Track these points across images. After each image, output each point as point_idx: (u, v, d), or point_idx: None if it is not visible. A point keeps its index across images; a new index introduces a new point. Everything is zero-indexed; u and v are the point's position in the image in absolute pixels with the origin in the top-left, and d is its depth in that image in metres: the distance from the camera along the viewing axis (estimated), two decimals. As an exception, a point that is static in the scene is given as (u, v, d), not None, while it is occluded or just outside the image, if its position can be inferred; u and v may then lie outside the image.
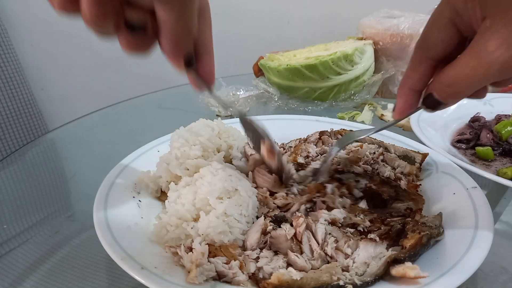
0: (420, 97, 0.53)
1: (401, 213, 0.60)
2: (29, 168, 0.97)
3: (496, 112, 0.98)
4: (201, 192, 0.58)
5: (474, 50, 0.45)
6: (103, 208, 0.60)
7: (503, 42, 0.42)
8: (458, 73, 0.46)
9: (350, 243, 0.53)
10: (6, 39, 1.73)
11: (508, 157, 0.84)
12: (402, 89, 0.54)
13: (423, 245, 0.51)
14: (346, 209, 0.61)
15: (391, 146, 0.77)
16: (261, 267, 0.51)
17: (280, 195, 0.64)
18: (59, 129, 1.14)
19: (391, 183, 0.67)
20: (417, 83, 0.52)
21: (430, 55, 0.51)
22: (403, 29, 1.18)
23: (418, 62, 0.52)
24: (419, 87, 0.52)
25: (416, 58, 0.53)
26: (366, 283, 0.48)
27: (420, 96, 0.53)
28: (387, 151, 0.76)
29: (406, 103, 0.53)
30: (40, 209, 0.81)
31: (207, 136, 0.71)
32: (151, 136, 0.82)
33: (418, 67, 0.52)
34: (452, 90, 0.48)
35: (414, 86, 0.52)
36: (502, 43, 0.42)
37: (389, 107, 1.11)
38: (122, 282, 0.57)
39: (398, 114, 0.55)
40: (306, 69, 1.11)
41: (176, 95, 1.42)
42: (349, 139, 0.70)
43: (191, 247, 0.53)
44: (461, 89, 0.47)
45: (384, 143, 0.78)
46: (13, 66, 1.75)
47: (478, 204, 0.59)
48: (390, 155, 0.74)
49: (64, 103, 2.06)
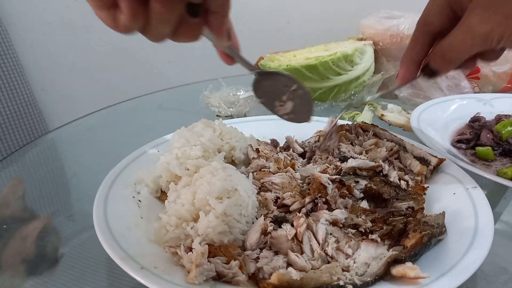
0: (419, 66, 0.62)
1: (402, 212, 0.60)
2: (29, 168, 0.97)
3: (496, 112, 0.98)
4: (201, 192, 0.58)
5: (462, 26, 0.56)
6: (103, 208, 0.60)
7: (482, 19, 0.54)
8: (449, 44, 0.57)
9: (351, 243, 0.53)
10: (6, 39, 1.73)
11: (508, 157, 0.84)
12: (405, 59, 0.63)
13: (424, 245, 0.51)
14: (347, 210, 0.61)
15: (410, 146, 0.76)
16: (261, 267, 0.51)
17: (287, 195, 0.64)
18: (59, 129, 1.14)
19: (391, 183, 0.67)
20: (417, 54, 0.62)
21: (429, 30, 0.61)
22: (403, 30, 1.18)
23: (418, 36, 0.62)
24: (419, 57, 0.62)
25: (417, 32, 0.63)
26: (366, 283, 0.48)
27: (420, 66, 0.62)
28: (405, 150, 0.76)
29: (407, 71, 0.63)
30: (40, 209, 0.81)
31: (208, 136, 0.71)
32: (151, 136, 0.82)
33: (418, 40, 0.62)
34: (445, 59, 0.58)
35: (415, 57, 0.62)
36: (481, 20, 0.54)
37: (389, 107, 1.11)
38: (122, 282, 0.57)
39: (400, 80, 0.64)
40: (306, 69, 1.11)
41: (176, 96, 1.42)
42: (356, 103, 0.74)
43: (191, 247, 0.53)
44: (452, 58, 0.58)
45: (404, 141, 0.78)
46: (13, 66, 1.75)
47: (478, 204, 0.59)
48: (405, 154, 0.74)
49: (64, 103, 2.06)
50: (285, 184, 0.66)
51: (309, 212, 0.61)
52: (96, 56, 1.95)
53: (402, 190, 0.66)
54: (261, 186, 0.67)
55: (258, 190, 0.66)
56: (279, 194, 0.65)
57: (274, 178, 0.67)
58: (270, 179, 0.67)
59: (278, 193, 0.65)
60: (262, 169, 0.71)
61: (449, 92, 1.13)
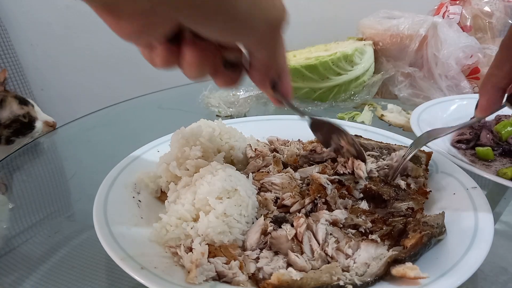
0: (503, 94, 0.55)
1: (402, 213, 0.60)
2: (29, 168, 0.97)
3: (496, 113, 0.98)
4: (201, 192, 0.58)
5: None
6: (103, 208, 0.60)
7: None
8: None
9: (351, 243, 0.53)
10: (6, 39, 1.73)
11: (508, 157, 0.84)
12: (485, 87, 0.56)
13: (424, 245, 0.51)
14: (347, 210, 0.61)
15: (398, 147, 0.75)
16: (261, 267, 0.51)
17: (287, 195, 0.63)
18: (59, 129, 1.14)
19: (391, 183, 0.67)
20: (502, 81, 0.54)
21: None
22: (403, 30, 1.18)
23: (503, 60, 0.54)
24: (503, 84, 0.54)
25: (502, 56, 0.54)
26: (366, 283, 0.48)
27: (504, 93, 0.55)
28: None
29: (489, 100, 0.56)
30: (40, 209, 0.81)
31: (208, 136, 0.71)
32: (151, 136, 0.82)
33: (503, 65, 0.54)
34: None
35: (498, 84, 0.54)
36: None
37: (389, 107, 1.11)
38: (122, 282, 0.57)
39: (481, 111, 0.57)
40: (306, 69, 1.11)
41: (176, 96, 1.42)
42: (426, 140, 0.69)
43: (191, 247, 0.53)
44: None
45: (390, 144, 0.77)
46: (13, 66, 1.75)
47: (478, 204, 0.59)
48: None
49: (64, 103, 2.06)
50: (285, 185, 0.66)
51: (308, 212, 0.61)
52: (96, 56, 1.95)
53: (401, 190, 0.66)
54: (260, 187, 0.67)
55: (257, 190, 0.66)
56: (278, 194, 0.65)
57: (274, 179, 0.67)
58: (269, 179, 0.67)
59: (278, 194, 0.65)
60: (260, 170, 0.71)
61: (449, 92, 1.14)
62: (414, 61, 1.19)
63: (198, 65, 0.40)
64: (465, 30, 1.27)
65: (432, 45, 1.14)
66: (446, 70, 1.14)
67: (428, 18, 1.17)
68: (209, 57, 0.41)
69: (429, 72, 1.16)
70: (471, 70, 1.18)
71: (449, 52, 1.12)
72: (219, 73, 0.44)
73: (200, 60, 0.40)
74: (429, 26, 1.15)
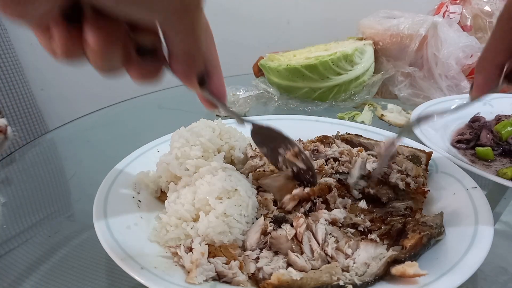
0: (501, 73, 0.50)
1: (401, 212, 0.60)
2: (29, 168, 0.97)
3: (496, 113, 0.98)
4: (201, 192, 0.58)
5: None
6: (103, 208, 0.60)
7: None
8: None
9: (350, 243, 0.53)
10: (6, 39, 1.73)
11: (508, 157, 0.84)
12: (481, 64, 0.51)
13: (424, 245, 0.51)
14: (346, 209, 0.61)
15: (399, 147, 0.75)
16: (261, 268, 0.51)
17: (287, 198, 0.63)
18: (59, 129, 1.14)
19: (390, 183, 0.67)
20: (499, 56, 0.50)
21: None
22: (403, 30, 1.18)
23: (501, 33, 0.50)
24: (500, 61, 0.50)
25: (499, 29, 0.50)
26: (366, 283, 0.48)
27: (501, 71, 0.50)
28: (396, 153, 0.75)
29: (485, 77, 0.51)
30: (40, 209, 0.81)
31: (208, 136, 0.71)
32: (151, 136, 0.82)
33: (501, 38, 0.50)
34: None
35: (495, 60, 0.50)
36: None
37: (389, 107, 1.11)
38: (122, 282, 0.57)
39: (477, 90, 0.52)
40: (306, 69, 1.11)
41: (176, 95, 1.41)
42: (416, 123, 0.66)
43: (191, 247, 0.53)
44: None
45: None
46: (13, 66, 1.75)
47: (478, 204, 0.59)
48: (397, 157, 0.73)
49: (64, 103, 2.06)
50: (282, 187, 0.65)
51: (307, 212, 0.61)
52: (96, 56, 1.94)
53: (400, 190, 0.65)
54: (258, 186, 0.67)
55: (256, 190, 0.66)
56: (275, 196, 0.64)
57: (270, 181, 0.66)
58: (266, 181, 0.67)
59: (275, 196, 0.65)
60: (256, 170, 0.71)
61: (449, 92, 1.14)
62: (414, 61, 1.19)
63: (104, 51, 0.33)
64: (465, 30, 1.27)
65: (432, 45, 1.14)
66: (446, 70, 1.14)
67: (428, 18, 1.17)
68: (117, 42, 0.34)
69: (429, 72, 1.16)
70: (471, 70, 1.18)
71: (449, 52, 1.12)
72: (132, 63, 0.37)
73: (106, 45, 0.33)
74: (429, 26, 1.15)
